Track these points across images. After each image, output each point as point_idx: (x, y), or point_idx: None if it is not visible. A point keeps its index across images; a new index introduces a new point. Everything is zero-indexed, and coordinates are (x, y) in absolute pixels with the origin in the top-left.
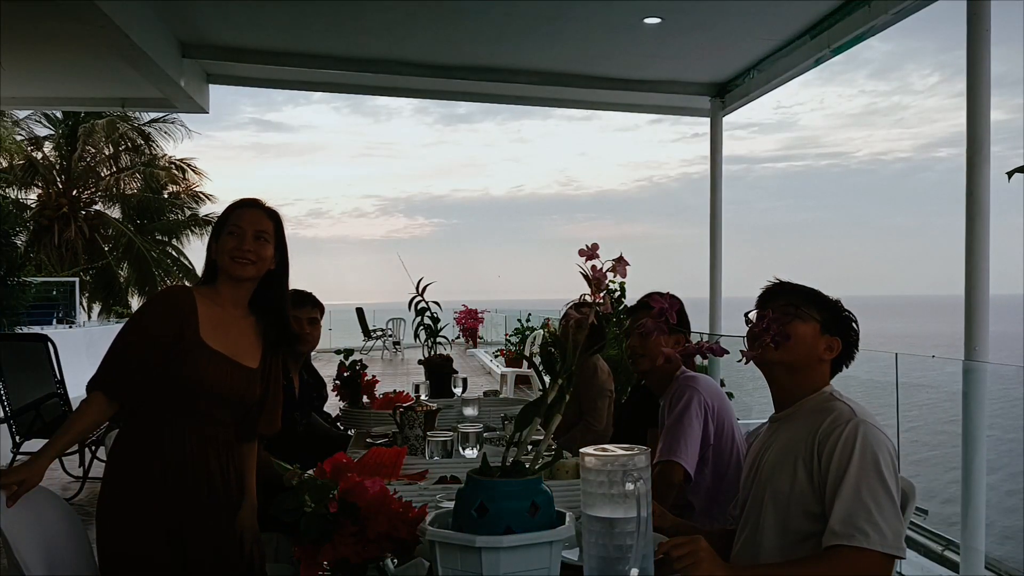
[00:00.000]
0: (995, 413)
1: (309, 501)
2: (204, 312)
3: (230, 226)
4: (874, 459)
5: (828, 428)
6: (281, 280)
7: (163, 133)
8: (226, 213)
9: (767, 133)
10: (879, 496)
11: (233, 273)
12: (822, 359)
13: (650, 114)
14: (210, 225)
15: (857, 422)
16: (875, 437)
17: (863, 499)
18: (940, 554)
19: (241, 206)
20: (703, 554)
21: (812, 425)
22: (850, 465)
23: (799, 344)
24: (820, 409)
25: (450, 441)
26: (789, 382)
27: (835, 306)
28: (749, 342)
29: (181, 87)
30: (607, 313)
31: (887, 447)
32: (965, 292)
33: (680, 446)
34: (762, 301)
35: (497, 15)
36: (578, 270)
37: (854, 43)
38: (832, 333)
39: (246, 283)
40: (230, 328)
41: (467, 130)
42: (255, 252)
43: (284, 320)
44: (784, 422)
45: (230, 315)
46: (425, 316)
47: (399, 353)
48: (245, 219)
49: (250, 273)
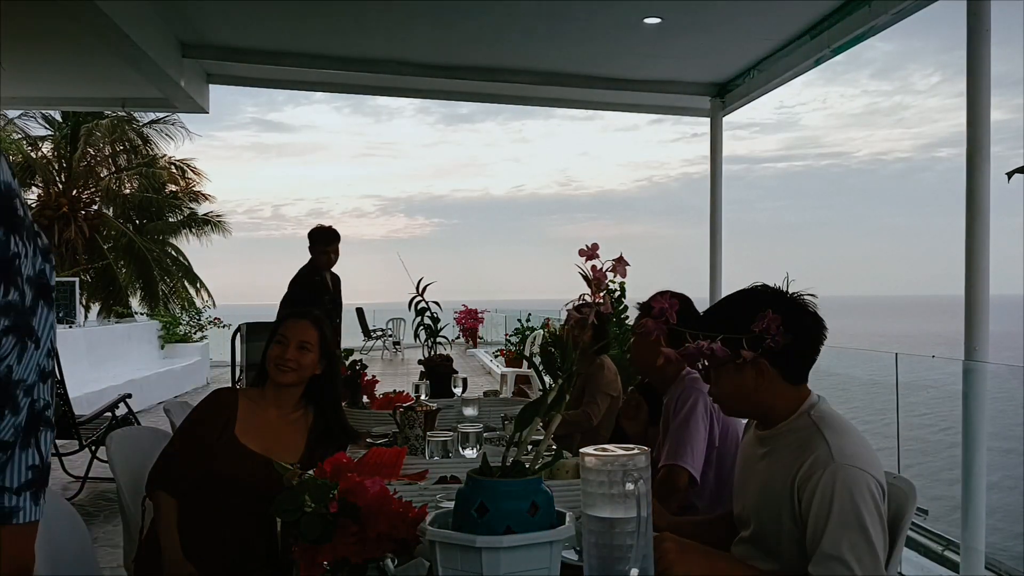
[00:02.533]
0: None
1: (309, 501)
2: (245, 413)
3: (278, 335)
4: (854, 508)
5: (806, 473)
6: (329, 381)
7: (163, 135)
8: (277, 322)
9: (768, 133)
10: (859, 549)
11: (275, 379)
12: (761, 385)
13: (650, 114)
14: (210, 225)
15: (834, 468)
16: (854, 480)
17: (842, 554)
18: (940, 554)
19: (289, 317)
20: (672, 556)
21: (793, 464)
22: (829, 518)
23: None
24: (800, 443)
25: (450, 441)
26: (752, 412)
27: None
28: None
29: (181, 87)
30: (607, 313)
31: (868, 486)
32: (965, 292)
33: (686, 450)
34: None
35: (497, 15)
36: (578, 270)
37: (854, 43)
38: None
39: (290, 388)
40: (270, 428)
41: (469, 130)
42: (296, 361)
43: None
44: (769, 446)
45: (272, 416)
46: (425, 316)
47: (399, 353)
48: (291, 330)
49: (290, 380)
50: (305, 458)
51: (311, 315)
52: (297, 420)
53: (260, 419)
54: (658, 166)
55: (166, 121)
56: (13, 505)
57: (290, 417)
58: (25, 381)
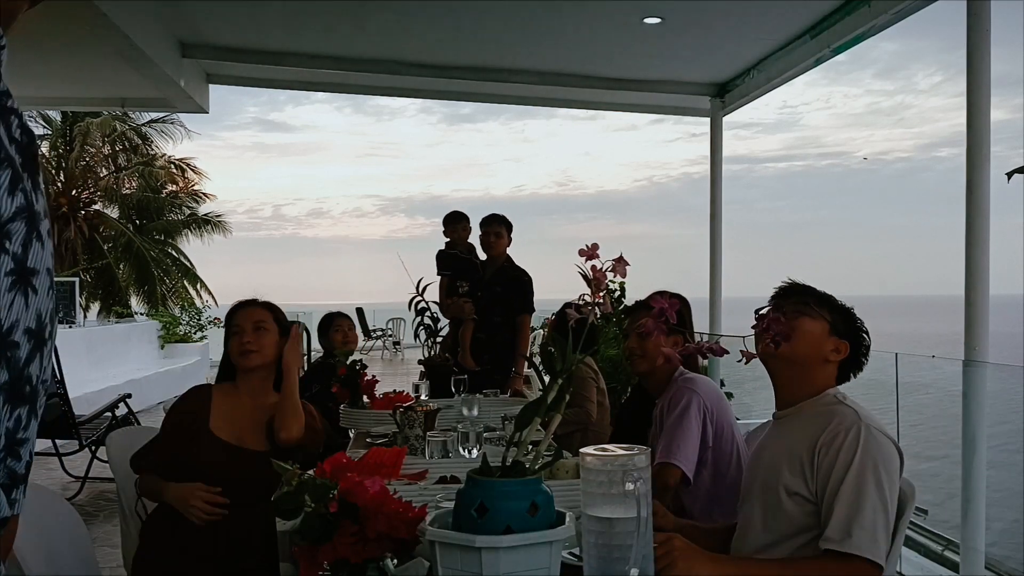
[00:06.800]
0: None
1: (309, 501)
2: (218, 406)
3: (233, 327)
4: (874, 467)
5: (831, 433)
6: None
7: (163, 134)
8: (228, 318)
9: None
10: (876, 506)
11: (241, 367)
12: (828, 359)
13: (650, 114)
14: (210, 224)
15: (860, 426)
16: (878, 443)
17: (862, 507)
18: (940, 554)
19: (237, 308)
20: (677, 553)
21: (814, 428)
22: (848, 472)
23: (804, 340)
24: (823, 413)
25: (450, 441)
26: (791, 379)
27: (847, 311)
28: (756, 338)
29: (181, 87)
30: (608, 313)
31: (889, 454)
32: (965, 292)
33: (677, 448)
34: (775, 299)
35: (497, 15)
36: (578, 270)
37: (854, 43)
38: (841, 336)
39: (259, 372)
40: (242, 417)
41: (471, 130)
42: (255, 342)
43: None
44: (786, 420)
45: (245, 405)
46: (425, 316)
47: (399, 353)
48: (242, 317)
49: (256, 362)
50: (277, 446)
51: (256, 301)
52: (271, 408)
53: (234, 411)
54: (658, 166)
55: (165, 120)
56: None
57: (265, 406)
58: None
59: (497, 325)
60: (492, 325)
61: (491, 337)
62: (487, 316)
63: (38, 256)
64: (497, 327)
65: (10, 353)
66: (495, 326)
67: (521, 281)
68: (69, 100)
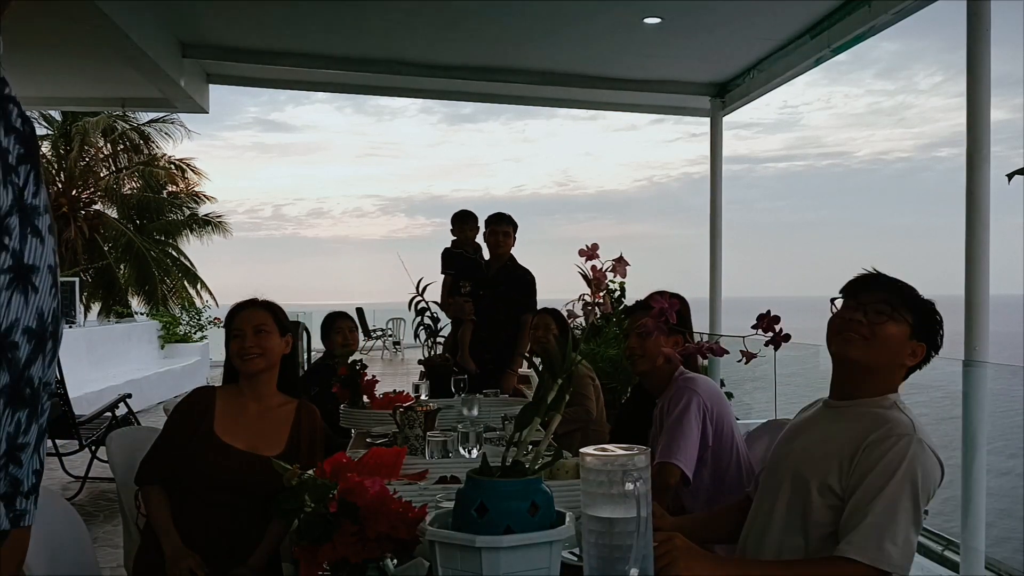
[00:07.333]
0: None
1: (309, 501)
2: (223, 409)
3: (233, 330)
4: (914, 483)
5: (879, 437)
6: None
7: (163, 134)
8: (228, 319)
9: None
10: (909, 522)
11: (244, 371)
12: (903, 364)
13: (650, 114)
14: (210, 224)
15: (912, 439)
16: (925, 459)
17: (896, 521)
18: (940, 554)
19: (237, 310)
20: (677, 552)
21: (864, 429)
22: (890, 481)
23: (886, 346)
24: (878, 416)
25: (450, 441)
26: (861, 380)
27: (929, 310)
28: (831, 331)
29: (181, 87)
30: (608, 313)
31: (933, 473)
32: (965, 292)
33: (677, 448)
34: (854, 291)
35: (497, 15)
36: (578, 270)
37: (854, 43)
38: (919, 339)
39: (262, 375)
40: (249, 421)
41: (472, 130)
42: (258, 346)
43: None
44: (837, 412)
45: (251, 409)
46: (425, 316)
47: (399, 353)
48: (242, 320)
49: (259, 366)
50: (289, 450)
51: (256, 301)
52: (278, 412)
53: (240, 415)
54: (658, 166)
55: (165, 120)
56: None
57: (271, 409)
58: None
59: (500, 323)
60: (495, 323)
61: (494, 335)
62: (491, 314)
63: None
64: (501, 325)
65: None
66: (498, 324)
67: (525, 280)
68: (69, 100)
